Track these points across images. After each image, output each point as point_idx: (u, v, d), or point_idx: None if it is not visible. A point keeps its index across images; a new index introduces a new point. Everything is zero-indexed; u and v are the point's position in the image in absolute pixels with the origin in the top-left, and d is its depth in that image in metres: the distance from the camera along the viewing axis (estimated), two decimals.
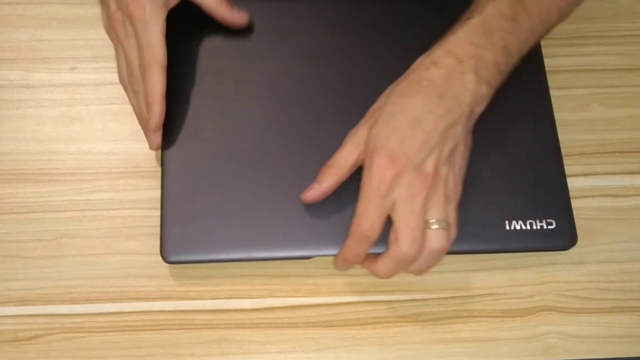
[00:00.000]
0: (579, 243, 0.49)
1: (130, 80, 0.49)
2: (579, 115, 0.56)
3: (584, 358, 0.49)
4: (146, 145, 0.53)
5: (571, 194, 0.50)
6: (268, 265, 0.50)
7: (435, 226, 0.44)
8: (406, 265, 0.45)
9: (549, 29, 0.50)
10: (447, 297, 0.50)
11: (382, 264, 0.45)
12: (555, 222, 0.49)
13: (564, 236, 0.49)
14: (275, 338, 0.49)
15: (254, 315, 0.49)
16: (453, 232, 0.45)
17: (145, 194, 0.52)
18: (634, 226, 0.53)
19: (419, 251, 0.44)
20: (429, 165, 0.43)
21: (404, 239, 0.43)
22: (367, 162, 0.44)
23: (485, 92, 0.46)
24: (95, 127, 0.54)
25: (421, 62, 0.47)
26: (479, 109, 0.47)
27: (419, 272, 0.46)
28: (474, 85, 0.45)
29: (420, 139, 0.43)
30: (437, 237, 0.44)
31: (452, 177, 0.45)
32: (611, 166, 0.54)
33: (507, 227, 0.49)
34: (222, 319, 0.49)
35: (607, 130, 0.56)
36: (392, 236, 0.44)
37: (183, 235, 0.48)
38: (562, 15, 0.50)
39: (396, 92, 0.46)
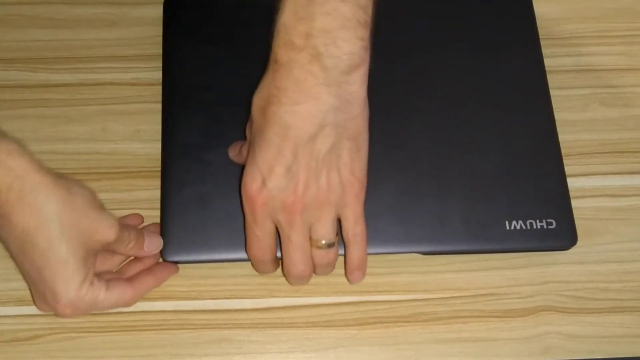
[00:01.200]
0: (579, 243, 0.49)
1: None
2: (579, 115, 0.56)
3: (583, 358, 0.49)
4: (146, 145, 0.53)
5: (571, 194, 0.50)
6: None
7: (320, 243, 0.43)
8: (306, 279, 0.45)
9: None
10: (447, 297, 0.50)
11: (286, 279, 0.47)
12: (555, 222, 0.49)
13: (564, 236, 0.49)
14: (275, 338, 0.49)
15: (254, 315, 0.49)
16: (355, 234, 0.43)
17: (145, 194, 0.52)
18: (634, 226, 0.53)
19: (309, 269, 0.44)
20: (299, 179, 0.40)
21: (289, 264, 0.44)
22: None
23: (345, 65, 0.38)
24: (95, 127, 0.54)
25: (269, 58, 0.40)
26: (356, 83, 0.39)
27: (324, 275, 0.47)
28: (331, 69, 0.38)
29: (281, 159, 0.40)
30: (322, 256, 0.44)
31: (337, 177, 0.41)
32: (611, 166, 0.54)
33: (507, 227, 0.49)
34: (222, 319, 0.49)
35: (607, 130, 0.56)
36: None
37: (183, 235, 0.48)
38: None
39: (254, 107, 0.41)
